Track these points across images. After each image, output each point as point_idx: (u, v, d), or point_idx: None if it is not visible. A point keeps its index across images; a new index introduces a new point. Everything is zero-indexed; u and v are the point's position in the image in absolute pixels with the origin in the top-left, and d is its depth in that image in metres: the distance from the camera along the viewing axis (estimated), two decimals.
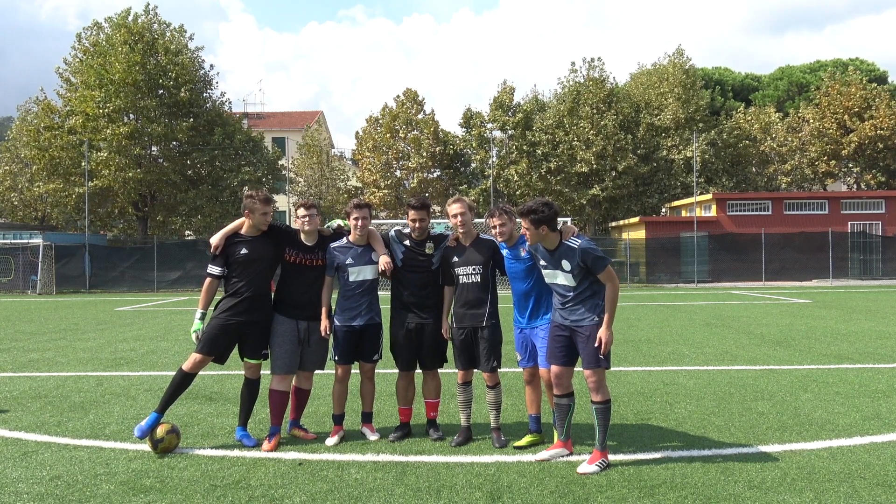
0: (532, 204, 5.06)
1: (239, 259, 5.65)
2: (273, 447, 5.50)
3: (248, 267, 5.65)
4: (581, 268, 5.01)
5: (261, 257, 5.70)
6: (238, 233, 5.75)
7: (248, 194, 5.75)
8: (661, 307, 18.78)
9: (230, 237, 5.72)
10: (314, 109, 63.48)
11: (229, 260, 5.67)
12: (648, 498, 4.39)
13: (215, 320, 5.63)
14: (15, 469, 5.10)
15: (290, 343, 5.71)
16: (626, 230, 34.93)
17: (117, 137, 32.21)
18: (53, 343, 12.18)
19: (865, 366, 8.99)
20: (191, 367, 5.57)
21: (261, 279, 5.71)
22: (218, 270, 5.67)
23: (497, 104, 39.72)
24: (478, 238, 5.74)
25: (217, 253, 5.67)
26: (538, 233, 5.06)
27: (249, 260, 5.65)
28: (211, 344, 5.58)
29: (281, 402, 5.72)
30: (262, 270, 5.71)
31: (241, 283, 5.64)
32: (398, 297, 5.83)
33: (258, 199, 5.68)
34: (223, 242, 5.68)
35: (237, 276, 5.66)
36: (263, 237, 5.76)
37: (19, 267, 29.01)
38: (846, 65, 50.16)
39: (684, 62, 41.16)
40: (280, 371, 5.71)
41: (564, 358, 5.14)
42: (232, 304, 5.64)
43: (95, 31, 35.52)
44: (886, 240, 31.98)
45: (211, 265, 5.69)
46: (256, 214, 5.66)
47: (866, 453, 5.24)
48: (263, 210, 5.67)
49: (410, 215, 5.76)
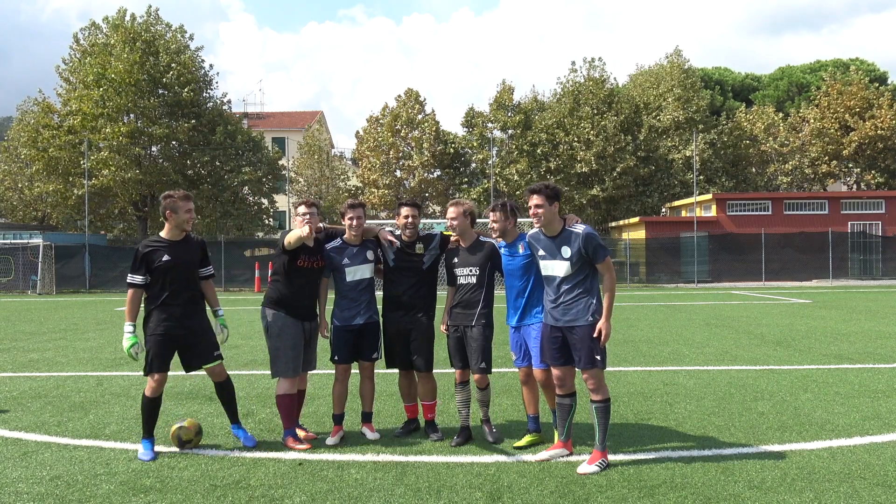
0: (540, 182, 5.16)
1: (161, 266, 5.33)
2: (307, 445, 5.50)
3: (173, 273, 5.36)
4: (581, 255, 5.00)
5: (185, 262, 5.44)
6: (158, 237, 5.49)
7: (166, 194, 5.45)
8: (661, 307, 18.78)
9: (153, 242, 5.42)
10: (314, 109, 63.51)
11: (151, 267, 5.34)
12: (648, 498, 4.39)
13: (152, 338, 5.35)
14: (15, 469, 5.10)
15: (299, 346, 5.65)
16: (626, 230, 34.92)
17: (116, 136, 32.21)
18: (53, 343, 12.18)
19: (865, 366, 8.99)
20: (152, 391, 5.38)
21: (187, 285, 5.47)
22: (140, 279, 5.34)
23: (497, 104, 39.73)
24: (477, 240, 5.76)
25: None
26: (551, 209, 5.06)
27: (173, 266, 5.36)
28: (160, 361, 5.36)
29: (291, 404, 5.66)
30: (187, 276, 5.47)
31: (166, 292, 5.35)
32: (389, 297, 5.85)
33: (178, 197, 5.41)
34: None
35: (161, 285, 5.36)
36: (185, 241, 5.52)
37: (19, 267, 28.99)
38: (846, 65, 50.16)
39: (683, 62, 41.17)
40: (292, 375, 5.59)
41: (563, 359, 5.14)
42: (164, 318, 5.36)
43: (93, 31, 35.56)
44: (886, 240, 31.98)
45: (132, 275, 5.34)
46: (181, 213, 5.40)
47: (866, 453, 5.24)
48: (187, 208, 5.42)
49: (402, 212, 5.79)
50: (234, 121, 37.83)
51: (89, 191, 32.58)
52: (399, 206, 5.84)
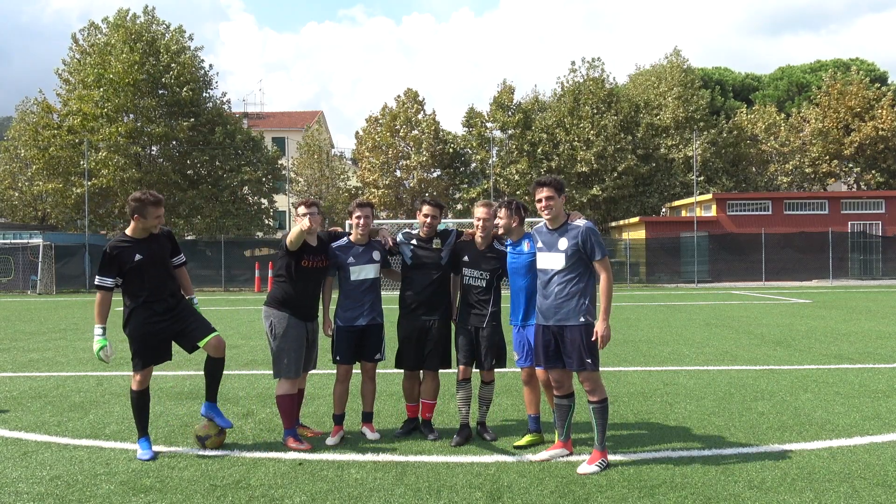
0: (547, 175, 5.19)
1: (135, 266, 5.28)
2: (307, 446, 5.50)
3: (148, 271, 5.33)
4: (578, 249, 4.99)
5: (158, 258, 5.40)
6: (126, 236, 5.41)
7: (135, 197, 5.32)
8: (661, 307, 18.78)
9: (121, 242, 5.33)
10: (314, 109, 63.51)
11: (123, 269, 5.28)
12: (648, 498, 4.39)
13: (136, 337, 5.32)
14: (15, 469, 5.10)
15: (302, 347, 5.65)
16: (626, 230, 34.92)
17: (115, 136, 32.21)
18: (53, 343, 12.18)
19: (865, 366, 8.99)
20: (138, 384, 5.37)
21: (165, 280, 5.44)
22: (111, 282, 5.27)
23: (497, 104, 39.72)
24: (492, 245, 5.75)
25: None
26: (560, 201, 5.08)
27: (147, 263, 5.33)
28: (144, 355, 5.33)
29: (292, 405, 5.65)
30: (162, 271, 5.44)
31: (146, 290, 5.32)
32: (407, 297, 5.84)
33: (149, 202, 5.29)
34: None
35: (139, 285, 5.32)
36: (153, 237, 5.44)
37: (19, 267, 28.99)
38: (847, 65, 50.15)
39: (682, 62, 41.16)
40: (294, 375, 5.58)
41: (557, 361, 5.13)
42: (147, 316, 5.32)
43: (93, 31, 35.56)
44: (886, 240, 31.98)
45: (102, 277, 5.26)
46: (149, 219, 5.32)
47: (866, 453, 5.24)
48: (156, 214, 5.34)
49: (424, 210, 5.79)
50: (234, 120, 37.82)
51: (89, 191, 32.58)
52: (421, 204, 5.82)
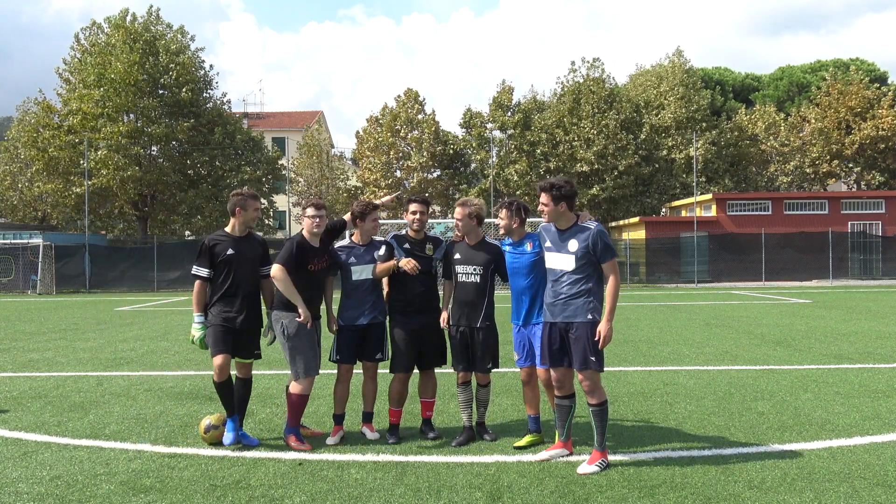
0: (554, 179, 5.08)
1: (225, 259, 5.54)
2: (308, 446, 5.51)
3: (236, 266, 5.56)
4: (587, 252, 4.96)
5: (248, 257, 5.63)
6: (224, 232, 5.71)
7: (236, 192, 5.71)
8: (661, 307, 18.78)
9: (218, 237, 5.65)
10: (314, 109, 63.52)
11: (216, 260, 5.56)
12: (648, 498, 4.39)
13: (211, 328, 5.55)
14: (15, 469, 5.09)
15: (315, 345, 5.69)
16: (626, 230, 34.93)
17: (115, 136, 32.20)
18: (53, 343, 12.18)
19: (865, 366, 8.99)
20: (218, 374, 5.51)
21: (248, 280, 5.63)
22: (205, 272, 5.56)
23: (496, 104, 39.73)
24: (483, 240, 5.76)
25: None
26: (556, 209, 5.03)
27: (236, 259, 5.56)
28: (222, 344, 5.52)
29: (304, 404, 5.69)
30: (250, 270, 5.64)
31: (229, 283, 5.55)
32: (399, 299, 5.79)
33: (248, 195, 5.67)
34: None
35: (224, 278, 5.56)
36: (249, 237, 5.73)
37: (19, 267, 28.99)
38: (847, 65, 50.14)
39: (684, 62, 41.17)
40: (312, 374, 5.60)
41: (563, 360, 5.12)
42: (225, 308, 5.55)
43: (94, 31, 35.57)
44: (886, 240, 31.98)
45: (198, 267, 5.57)
46: (249, 211, 5.65)
47: (866, 453, 5.24)
48: (255, 206, 5.69)
49: (411, 208, 5.77)
50: (234, 120, 37.85)
51: (89, 191, 32.58)
52: (408, 202, 5.81)
